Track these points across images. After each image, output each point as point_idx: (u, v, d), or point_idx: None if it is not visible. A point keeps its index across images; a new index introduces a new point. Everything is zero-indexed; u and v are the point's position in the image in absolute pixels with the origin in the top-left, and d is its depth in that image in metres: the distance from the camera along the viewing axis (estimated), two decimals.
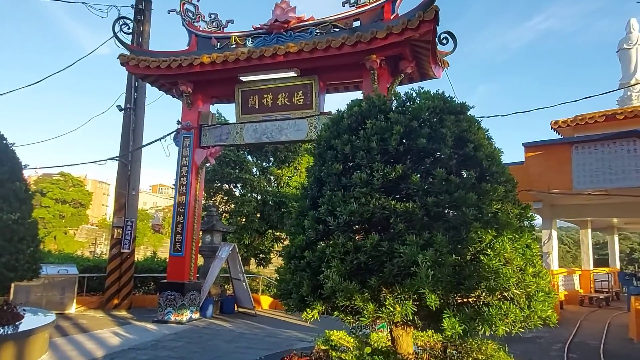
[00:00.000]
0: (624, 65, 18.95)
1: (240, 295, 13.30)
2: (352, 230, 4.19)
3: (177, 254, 11.02)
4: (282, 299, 4.79)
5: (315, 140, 10.31)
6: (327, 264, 4.08)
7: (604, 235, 25.78)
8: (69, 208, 57.94)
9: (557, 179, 10.37)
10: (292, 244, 4.70)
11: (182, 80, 11.14)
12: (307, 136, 10.31)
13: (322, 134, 5.02)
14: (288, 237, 5.24)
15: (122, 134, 13.31)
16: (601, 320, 12.59)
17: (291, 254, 4.68)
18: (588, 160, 10.33)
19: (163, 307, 10.74)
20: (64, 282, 12.08)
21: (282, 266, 4.99)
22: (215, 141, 11.36)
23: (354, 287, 3.75)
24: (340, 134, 4.81)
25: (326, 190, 4.57)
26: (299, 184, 17.86)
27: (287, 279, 4.49)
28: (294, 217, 5.00)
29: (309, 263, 4.38)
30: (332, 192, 4.44)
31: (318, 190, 4.84)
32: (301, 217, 4.87)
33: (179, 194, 11.27)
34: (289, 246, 4.80)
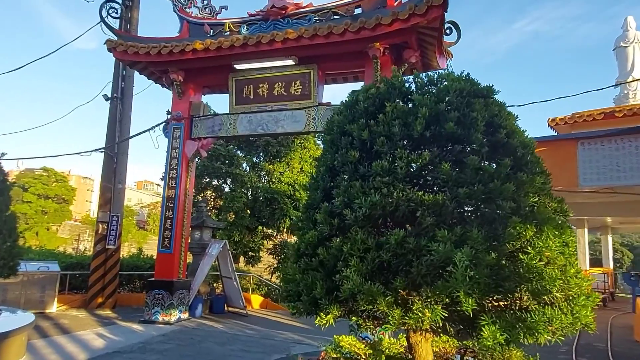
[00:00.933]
0: (621, 63, 18.82)
1: (230, 294, 12.76)
2: (372, 224, 3.72)
3: (165, 251, 10.44)
4: (289, 302, 4.31)
5: (316, 132, 9.89)
6: (344, 263, 3.63)
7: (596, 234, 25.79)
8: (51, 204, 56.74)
9: (562, 176, 10.03)
10: (301, 240, 4.23)
11: (173, 68, 10.55)
12: (304, 128, 9.82)
13: (335, 119, 4.54)
14: (295, 233, 4.76)
15: (108, 125, 12.66)
16: (602, 322, 12.36)
17: (300, 252, 4.20)
18: (594, 157, 10.02)
19: (150, 307, 10.16)
20: (45, 279, 11.42)
21: (288, 264, 4.52)
22: (207, 133, 10.79)
23: (378, 289, 3.28)
24: (356, 119, 4.35)
25: (341, 181, 4.11)
26: (291, 180, 17.37)
27: (296, 280, 4.01)
28: (303, 210, 4.52)
29: (322, 261, 3.91)
30: (349, 182, 3.98)
31: (330, 180, 4.37)
32: (311, 210, 4.40)
33: (168, 188, 10.69)
34: (297, 243, 4.33)
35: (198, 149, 10.79)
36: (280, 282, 4.48)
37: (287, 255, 4.86)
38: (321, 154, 4.81)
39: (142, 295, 13.33)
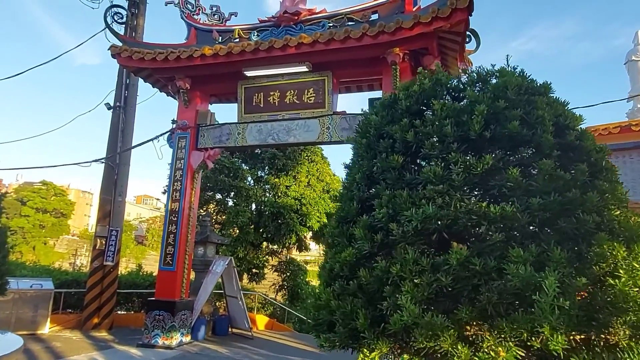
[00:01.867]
0: (633, 77, 18.42)
1: (235, 314, 12.05)
2: (423, 241, 3.13)
3: (167, 268, 9.78)
4: (319, 332, 3.68)
5: (330, 142, 9.32)
6: (392, 288, 3.02)
7: None
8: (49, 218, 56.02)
9: None
10: (335, 259, 3.63)
11: (180, 75, 10.05)
12: (318, 138, 9.27)
13: (372, 119, 3.99)
14: (327, 250, 4.16)
15: (109, 135, 12.11)
16: None
17: (334, 273, 3.60)
18: (623, 170, 9.49)
19: (150, 329, 9.46)
20: (37, 298, 10.71)
21: (318, 288, 3.91)
22: (214, 142, 10.24)
23: (441, 322, 2.67)
24: (397, 119, 3.79)
25: (382, 189, 3.52)
26: (297, 194, 16.77)
27: (331, 306, 3.39)
28: (335, 224, 3.93)
29: (361, 285, 3.31)
30: (392, 192, 3.39)
31: (368, 189, 3.79)
32: (345, 224, 3.81)
33: (172, 200, 10.09)
34: (330, 262, 3.72)
35: (204, 160, 10.22)
36: (309, 307, 3.85)
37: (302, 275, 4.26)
38: (353, 160, 4.24)
39: (140, 315, 12.61)
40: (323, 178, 18.03)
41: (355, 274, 3.48)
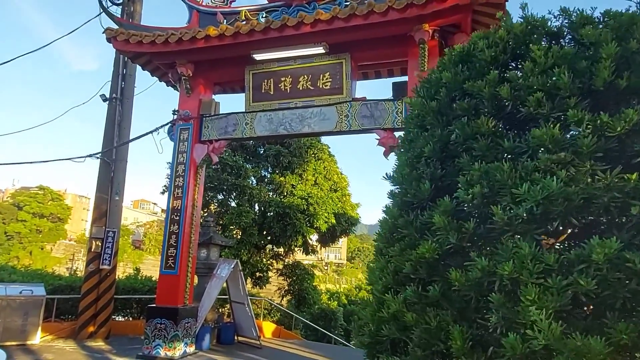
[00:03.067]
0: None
1: (241, 322, 11.13)
2: (539, 230, 2.27)
3: (169, 272, 8.88)
4: (378, 353, 2.81)
5: (350, 131, 8.47)
6: (504, 296, 2.15)
7: None
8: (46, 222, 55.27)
9: None
10: (403, 256, 2.76)
11: (181, 61, 9.17)
12: (335, 127, 8.40)
13: (443, 77, 3.12)
14: (380, 247, 3.29)
15: (105, 128, 11.22)
16: None
17: (401, 276, 2.74)
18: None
19: (150, 339, 8.54)
20: (27, 304, 9.78)
21: (369, 295, 3.06)
22: (219, 134, 9.36)
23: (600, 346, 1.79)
24: (478, 74, 2.93)
25: (466, 163, 2.66)
26: (304, 193, 15.88)
27: (407, 321, 2.52)
28: (396, 212, 3.06)
29: (447, 292, 2.45)
30: (483, 165, 2.53)
31: (441, 164, 2.93)
32: (412, 210, 2.94)
33: (174, 198, 9.20)
34: (395, 261, 2.85)
35: (208, 153, 9.33)
36: (364, 320, 2.99)
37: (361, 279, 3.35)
38: (411, 131, 3.38)
39: (139, 322, 11.70)
40: (330, 176, 17.18)
41: (435, 276, 2.62)
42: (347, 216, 17.09)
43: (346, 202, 17.31)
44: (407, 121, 3.71)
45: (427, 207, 2.91)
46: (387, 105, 8.15)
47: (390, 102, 8.15)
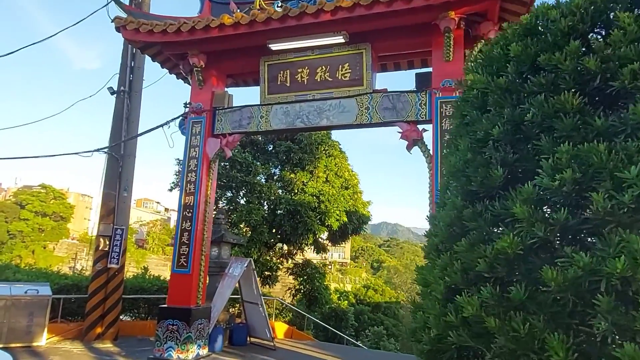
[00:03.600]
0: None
1: (254, 322, 10.79)
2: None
3: (181, 271, 8.54)
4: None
5: (370, 125, 8.12)
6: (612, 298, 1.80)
7: None
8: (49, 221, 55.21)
9: None
10: (474, 253, 2.40)
11: (194, 51, 8.82)
12: (356, 119, 8.05)
13: (513, 50, 2.75)
14: (432, 240, 2.94)
15: (113, 122, 10.89)
16: None
17: (471, 275, 2.39)
18: None
19: (162, 341, 8.20)
20: (33, 305, 9.46)
21: (428, 297, 2.71)
22: (233, 128, 9.01)
23: None
24: (553, 46, 2.57)
25: (546, 145, 2.31)
26: (315, 191, 15.52)
27: (489, 326, 2.16)
28: (459, 203, 2.70)
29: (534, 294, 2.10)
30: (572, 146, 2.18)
31: (512, 147, 2.58)
32: (480, 201, 2.59)
33: (186, 194, 8.85)
34: (464, 257, 2.49)
35: (222, 147, 8.98)
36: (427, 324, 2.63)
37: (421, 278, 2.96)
38: (468, 114, 3.02)
39: (147, 323, 11.39)
40: (342, 174, 16.82)
41: (516, 275, 2.26)
42: (359, 214, 16.74)
43: (357, 200, 16.96)
44: (459, 104, 3.36)
45: (498, 197, 2.55)
46: (410, 97, 7.79)
47: (414, 93, 7.79)
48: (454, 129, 3.25)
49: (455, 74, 7.42)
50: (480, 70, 3.04)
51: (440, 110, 7.37)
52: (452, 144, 3.27)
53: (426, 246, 3.26)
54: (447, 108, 7.33)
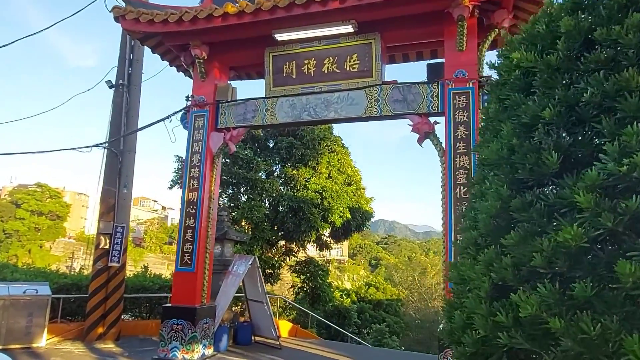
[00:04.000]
0: None
1: (259, 321, 10.56)
2: None
3: (185, 269, 8.29)
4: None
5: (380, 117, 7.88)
6: None
7: None
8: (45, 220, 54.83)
9: None
10: (529, 245, 2.19)
11: (196, 42, 8.54)
12: (365, 112, 7.81)
13: (562, 24, 2.52)
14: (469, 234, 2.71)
15: (111, 117, 10.60)
16: None
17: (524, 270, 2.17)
18: None
19: (166, 341, 7.96)
20: (32, 304, 9.20)
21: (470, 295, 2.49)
22: (237, 121, 8.76)
23: None
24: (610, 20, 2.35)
25: (611, 127, 2.09)
26: (318, 187, 15.28)
27: (553, 326, 1.94)
28: (504, 192, 2.47)
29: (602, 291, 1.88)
30: None
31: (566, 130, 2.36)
32: (529, 189, 2.37)
33: (189, 190, 8.60)
34: (517, 251, 2.26)
35: (226, 142, 8.74)
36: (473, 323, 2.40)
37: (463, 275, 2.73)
38: (509, 96, 2.78)
39: (149, 322, 11.15)
40: (344, 170, 16.59)
41: (578, 270, 2.04)
42: (362, 210, 16.52)
43: (361, 196, 16.75)
44: (496, 88, 3.12)
45: (550, 185, 2.33)
46: (421, 89, 7.55)
47: (425, 85, 7.55)
48: (491, 114, 3.01)
49: (469, 64, 7.21)
50: (521, 47, 2.80)
51: (453, 102, 7.13)
52: (489, 131, 3.03)
53: (461, 241, 3.04)
54: (460, 99, 7.10)
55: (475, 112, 7.00)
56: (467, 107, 7.03)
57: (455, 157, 6.96)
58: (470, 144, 6.92)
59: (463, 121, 7.02)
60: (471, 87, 7.10)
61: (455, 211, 6.80)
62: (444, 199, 7.02)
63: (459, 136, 7.00)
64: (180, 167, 15.62)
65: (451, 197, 6.87)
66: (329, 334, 15.53)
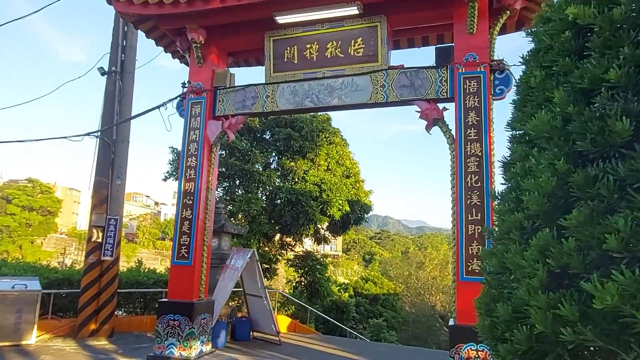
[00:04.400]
0: None
1: (257, 316, 10.25)
2: None
3: (182, 263, 7.94)
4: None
5: (387, 104, 7.56)
6: None
7: None
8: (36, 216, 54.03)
9: None
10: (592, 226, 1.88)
11: (192, 26, 8.14)
12: (370, 98, 7.48)
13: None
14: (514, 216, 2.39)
15: (104, 105, 10.19)
16: None
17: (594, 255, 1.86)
18: None
19: (163, 337, 7.62)
20: (21, 300, 8.82)
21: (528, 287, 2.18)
22: (236, 109, 8.39)
23: None
24: None
25: None
26: (317, 179, 14.94)
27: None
28: (561, 165, 2.16)
29: None
30: None
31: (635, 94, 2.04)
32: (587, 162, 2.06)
33: (185, 180, 8.23)
34: (590, 231, 1.95)
35: (224, 130, 8.37)
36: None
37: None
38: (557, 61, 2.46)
39: (144, 318, 10.81)
40: (343, 162, 16.27)
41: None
42: (361, 203, 16.22)
43: (360, 189, 16.44)
44: (533, 55, 2.81)
45: (617, 157, 2.02)
46: (429, 73, 7.23)
47: (433, 69, 7.23)
48: (532, 83, 2.69)
49: (480, 47, 6.90)
50: (572, 6, 2.48)
51: (464, 87, 6.82)
52: (530, 102, 2.72)
53: (499, 226, 2.72)
54: (471, 84, 6.79)
55: (487, 97, 6.70)
56: (479, 92, 6.73)
57: (466, 144, 6.66)
58: (481, 130, 6.63)
59: (474, 107, 6.72)
60: (482, 71, 6.79)
61: (466, 200, 6.51)
62: (454, 187, 6.72)
63: (470, 122, 6.70)
64: (175, 159, 15.22)
65: (462, 186, 6.57)
66: (327, 329, 15.26)
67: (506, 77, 6.84)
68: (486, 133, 6.59)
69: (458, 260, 6.42)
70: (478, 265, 6.23)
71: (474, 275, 6.25)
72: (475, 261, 6.27)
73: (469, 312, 6.30)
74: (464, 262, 6.35)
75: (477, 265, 6.23)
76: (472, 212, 6.42)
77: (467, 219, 6.43)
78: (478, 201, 6.44)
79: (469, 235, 6.39)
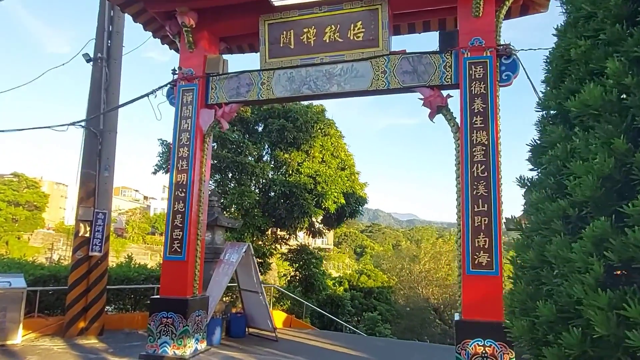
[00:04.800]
0: None
1: (253, 312, 9.95)
2: None
3: (175, 258, 7.60)
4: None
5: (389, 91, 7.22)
6: None
7: None
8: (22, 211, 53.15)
9: None
10: None
11: (183, 9, 7.73)
12: (371, 85, 7.17)
13: None
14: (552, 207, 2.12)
15: (90, 94, 9.73)
16: None
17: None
18: None
19: (156, 336, 7.30)
20: (5, 298, 8.42)
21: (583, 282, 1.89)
22: (230, 96, 8.03)
23: None
24: None
25: None
26: (311, 171, 14.61)
27: None
28: (618, 143, 1.89)
29: None
30: None
31: None
32: None
33: (177, 171, 7.88)
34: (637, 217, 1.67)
35: (217, 119, 8.02)
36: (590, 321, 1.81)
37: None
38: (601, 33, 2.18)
39: (135, 315, 10.48)
40: (338, 154, 15.97)
41: None
42: (357, 196, 15.95)
43: (355, 181, 16.17)
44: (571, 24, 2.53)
45: None
46: (433, 59, 6.94)
47: (437, 54, 6.94)
48: (574, 55, 2.40)
49: (486, 30, 6.62)
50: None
51: (469, 73, 6.54)
52: (570, 77, 2.43)
53: (535, 215, 2.45)
54: (476, 69, 6.51)
55: (494, 83, 6.43)
56: (485, 77, 6.45)
57: (472, 132, 6.39)
58: (488, 118, 6.36)
59: (480, 93, 6.45)
60: (489, 55, 6.51)
61: (472, 191, 6.25)
62: (459, 178, 6.46)
63: (476, 110, 6.43)
64: (165, 151, 14.79)
65: (467, 177, 6.31)
66: (322, 323, 15.04)
67: (513, 63, 6.57)
68: (493, 121, 6.33)
69: (464, 253, 6.17)
70: (485, 258, 5.99)
71: (480, 269, 6.02)
72: (482, 254, 6.03)
73: (475, 306, 6.09)
74: (470, 256, 6.10)
75: (485, 259, 6.00)
76: (479, 203, 6.17)
77: (474, 210, 6.18)
78: (485, 192, 6.18)
79: (476, 227, 6.14)
